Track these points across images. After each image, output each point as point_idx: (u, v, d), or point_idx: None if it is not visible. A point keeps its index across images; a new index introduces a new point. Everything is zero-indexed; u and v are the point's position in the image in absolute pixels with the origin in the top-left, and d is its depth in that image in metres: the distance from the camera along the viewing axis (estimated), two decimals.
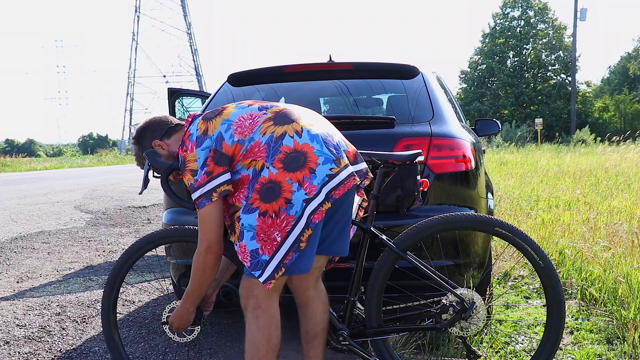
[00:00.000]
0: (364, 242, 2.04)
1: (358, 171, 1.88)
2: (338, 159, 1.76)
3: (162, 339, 2.81)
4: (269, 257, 1.72)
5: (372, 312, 2.04)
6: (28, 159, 32.34)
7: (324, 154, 1.74)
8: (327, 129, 1.86)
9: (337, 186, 1.73)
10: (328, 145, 1.77)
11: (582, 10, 29.09)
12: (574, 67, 30.83)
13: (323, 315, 2.00)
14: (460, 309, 1.97)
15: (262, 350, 1.78)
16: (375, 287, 2.03)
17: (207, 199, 1.74)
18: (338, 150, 1.80)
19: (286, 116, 1.80)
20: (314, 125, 1.82)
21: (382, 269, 2.02)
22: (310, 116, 1.88)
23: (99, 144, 68.03)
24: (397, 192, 2.02)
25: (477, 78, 37.77)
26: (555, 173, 9.54)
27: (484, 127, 3.81)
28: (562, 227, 4.48)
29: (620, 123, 37.10)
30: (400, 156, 2.04)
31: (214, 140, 1.76)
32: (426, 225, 2.01)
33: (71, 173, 17.51)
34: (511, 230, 1.96)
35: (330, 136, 1.82)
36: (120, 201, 8.57)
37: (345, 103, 3.19)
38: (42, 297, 3.54)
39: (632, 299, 2.77)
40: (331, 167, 1.74)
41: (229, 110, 1.85)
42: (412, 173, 2.03)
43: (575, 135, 26.76)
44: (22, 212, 7.40)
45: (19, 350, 2.67)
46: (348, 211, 1.91)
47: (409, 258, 2.00)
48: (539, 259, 1.93)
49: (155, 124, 2.00)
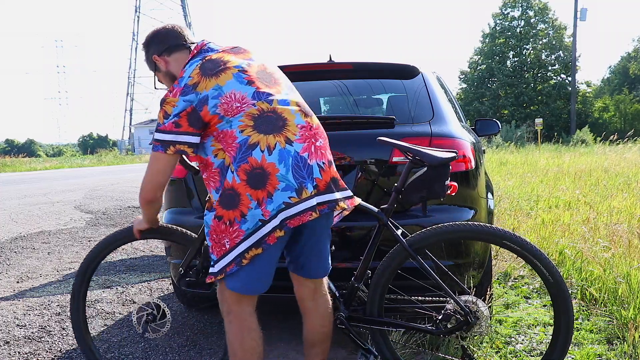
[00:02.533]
0: (378, 233, 2.02)
1: (328, 202, 1.72)
2: (300, 189, 1.66)
3: (162, 339, 2.81)
4: (217, 258, 1.75)
5: (375, 300, 2.03)
6: (28, 159, 32.33)
7: (286, 180, 1.65)
8: (307, 147, 1.71)
9: (293, 216, 1.66)
10: (296, 170, 1.67)
11: (582, 10, 29.08)
12: (574, 67, 30.82)
13: (321, 328, 1.98)
14: (462, 322, 1.93)
15: (239, 354, 1.80)
16: (380, 281, 2.02)
17: (162, 146, 1.71)
18: (305, 178, 1.67)
19: (269, 122, 1.69)
20: (296, 140, 1.70)
21: (391, 264, 2.00)
22: (298, 125, 1.73)
23: (99, 144, 68.07)
24: (422, 192, 1.97)
25: (477, 78, 37.78)
26: (555, 173, 9.54)
27: (484, 127, 3.81)
28: (562, 227, 4.48)
29: (620, 123, 37.11)
30: (434, 158, 1.93)
31: (198, 100, 1.69)
32: (441, 230, 1.96)
33: (71, 173, 17.51)
34: (521, 244, 1.89)
35: (305, 159, 1.69)
36: (120, 201, 8.57)
37: (345, 103, 3.19)
38: (42, 297, 3.54)
39: (632, 299, 2.77)
40: (290, 195, 1.66)
41: (228, 75, 1.73)
42: (443, 176, 1.95)
43: (576, 136, 26.76)
44: (22, 212, 7.40)
45: (19, 350, 2.67)
46: (323, 235, 1.88)
47: (419, 259, 1.97)
48: (549, 275, 1.86)
49: (161, 37, 1.92)
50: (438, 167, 1.93)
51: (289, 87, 1.87)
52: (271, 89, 1.77)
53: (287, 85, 1.87)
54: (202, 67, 1.74)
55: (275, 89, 1.78)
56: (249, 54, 1.89)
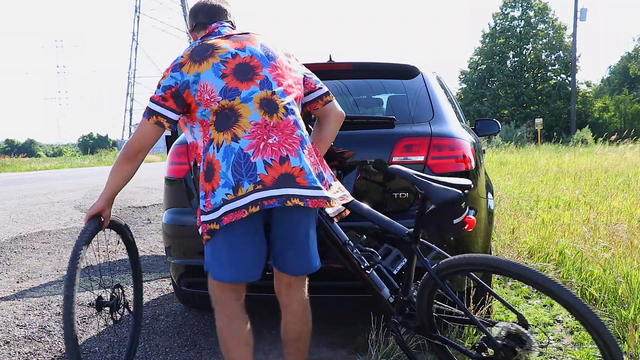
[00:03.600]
0: (411, 256, 1.96)
1: (278, 197, 1.73)
2: (237, 187, 1.73)
3: (162, 339, 2.81)
4: None
5: (423, 315, 1.97)
6: (28, 159, 32.32)
7: (225, 177, 1.74)
8: (254, 144, 1.75)
9: (227, 213, 1.73)
10: (235, 168, 1.74)
11: (582, 10, 29.08)
12: (574, 67, 30.82)
13: (292, 325, 1.97)
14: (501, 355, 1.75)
15: (227, 342, 1.86)
16: (422, 306, 1.95)
17: (147, 114, 1.84)
18: (242, 176, 1.73)
19: (224, 119, 1.78)
20: (243, 137, 1.75)
21: (424, 292, 1.93)
22: (251, 122, 1.77)
23: (99, 144, 68.05)
24: (432, 226, 1.89)
25: (477, 78, 37.77)
26: (555, 173, 9.54)
27: (484, 127, 3.81)
28: (562, 227, 4.48)
29: (620, 123, 37.10)
30: (437, 196, 1.82)
31: (182, 81, 1.80)
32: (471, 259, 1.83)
33: (71, 173, 17.51)
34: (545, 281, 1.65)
35: (248, 156, 1.74)
36: (120, 201, 8.57)
37: (345, 103, 3.19)
38: (42, 297, 3.54)
39: (632, 299, 2.77)
40: (227, 192, 1.74)
41: (209, 64, 1.81)
42: (450, 215, 1.83)
43: (576, 135, 26.76)
44: (22, 212, 7.40)
45: (19, 350, 2.67)
46: (299, 230, 1.85)
47: (448, 288, 1.85)
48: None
49: (193, 13, 2.04)
50: (444, 204, 1.82)
51: (268, 81, 1.84)
52: (241, 84, 1.81)
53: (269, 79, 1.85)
54: (194, 50, 1.85)
55: (246, 84, 1.82)
56: (250, 42, 1.91)
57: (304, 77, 2.03)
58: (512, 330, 1.77)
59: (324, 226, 2.08)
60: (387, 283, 2.04)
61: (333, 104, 2.08)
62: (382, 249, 2.07)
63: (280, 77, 1.89)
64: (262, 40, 1.95)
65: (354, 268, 2.06)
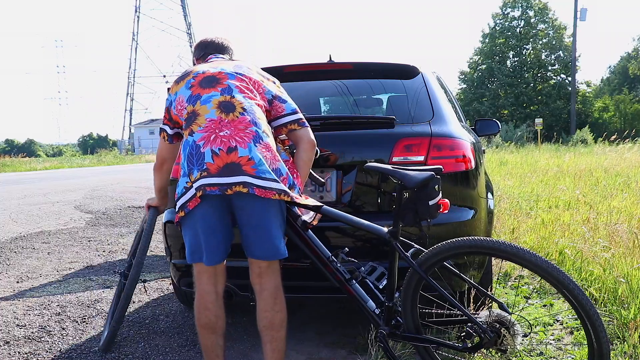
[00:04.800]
0: (392, 256, 1.97)
1: (219, 184, 1.88)
2: (189, 175, 1.94)
3: (162, 339, 2.81)
4: None
5: (408, 318, 2.01)
6: (28, 159, 32.32)
7: (183, 167, 1.98)
8: (206, 137, 1.92)
9: (189, 200, 1.94)
10: (189, 158, 1.94)
11: (582, 10, 29.08)
12: (574, 67, 30.82)
13: (264, 313, 2.03)
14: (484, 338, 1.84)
15: (197, 327, 2.08)
16: (407, 304, 1.99)
17: (159, 131, 2.24)
18: (193, 165, 1.93)
19: (189, 120, 2.00)
20: (198, 131, 1.95)
21: (409, 288, 1.98)
22: (207, 118, 1.95)
23: (99, 144, 68.08)
24: (409, 215, 1.93)
25: (476, 78, 37.77)
26: (555, 173, 9.54)
27: (484, 127, 3.81)
28: (562, 227, 4.48)
29: (620, 123, 37.10)
30: (410, 180, 1.89)
31: (170, 101, 2.14)
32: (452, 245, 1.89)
33: (71, 173, 17.51)
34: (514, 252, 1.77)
35: (199, 147, 1.92)
36: (120, 201, 8.57)
37: (345, 103, 3.19)
38: (42, 297, 3.54)
39: (632, 299, 2.77)
40: (186, 181, 1.95)
41: (183, 83, 2.10)
42: (424, 197, 1.90)
43: (575, 135, 26.76)
44: (22, 212, 7.40)
45: (19, 350, 2.67)
46: (262, 216, 1.94)
47: (431, 280, 1.91)
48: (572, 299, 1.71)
49: (201, 45, 2.37)
50: (418, 188, 1.89)
51: (230, 89, 2.03)
52: (203, 90, 2.03)
53: (232, 87, 2.04)
54: (180, 75, 2.17)
55: (208, 90, 2.03)
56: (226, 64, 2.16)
57: (272, 99, 2.13)
58: (495, 316, 1.85)
59: (306, 242, 2.09)
60: (373, 297, 2.06)
61: (302, 132, 2.14)
62: (367, 267, 2.09)
63: (244, 87, 2.06)
64: (239, 64, 2.19)
65: (339, 282, 2.07)
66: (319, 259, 2.09)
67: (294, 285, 2.37)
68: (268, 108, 2.11)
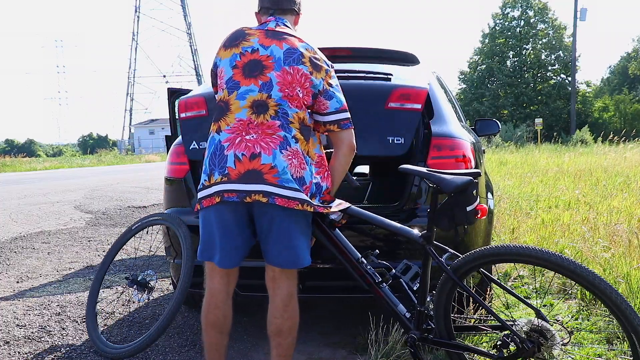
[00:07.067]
0: (425, 260, 1.93)
1: (237, 191, 1.83)
2: (210, 175, 1.90)
3: (162, 339, 2.81)
4: None
5: (441, 324, 1.97)
6: (28, 159, 32.31)
7: (206, 164, 1.94)
8: (231, 138, 1.87)
9: (204, 197, 1.92)
10: (212, 157, 1.91)
11: (582, 10, 29.06)
12: (574, 67, 30.81)
13: (273, 319, 2.00)
14: (522, 348, 1.77)
15: (203, 324, 2.05)
16: (440, 311, 1.95)
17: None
18: (215, 166, 1.89)
19: (219, 111, 1.95)
20: (225, 130, 1.90)
21: (442, 293, 1.93)
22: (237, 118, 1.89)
23: (99, 144, 68.09)
24: (445, 219, 1.87)
25: (476, 78, 37.76)
26: (555, 173, 9.54)
27: (484, 127, 3.81)
28: (562, 227, 4.48)
29: (620, 123, 37.09)
30: (448, 185, 1.82)
31: (215, 64, 2.04)
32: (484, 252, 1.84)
33: (71, 173, 17.51)
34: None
35: (223, 148, 1.88)
36: (120, 201, 8.57)
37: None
38: (42, 297, 3.54)
39: (632, 299, 2.77)
40: (205, 179, 1.93)
41: (230, 52, 1.97)
42: (462, 203, 1.83)
43: (575, 135, 26.75)
44: (22, 212, 7.40)
45: (19, 350, 2.67)
46: (282, 223, 1.88)
47: (468, 289, 1.87)
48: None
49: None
50: (456, 193, 1.83)
51: (270, 85, 1.89)
52: (244, 80, 1.92)
53: (273, 82, 1.90)
54: (230, 36, 2.02)
55: (248, 81, 1.91)
56: (280, 42, 1.95)
57: (317, 93, 1.96)
58: (535, 325, 1.77)
59: (334, 242, 2.05)
60: (407, 299, 2.01)
61: (343, 135, 1.99)
62: (402, 265, 2.04)
63: (287, 82, 1.90)
64: (294, 45, 1.96)
65: (369, 285, 2.02)
66: (348, 260, 2.04)
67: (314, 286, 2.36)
68: (311, 103, 1.96)
